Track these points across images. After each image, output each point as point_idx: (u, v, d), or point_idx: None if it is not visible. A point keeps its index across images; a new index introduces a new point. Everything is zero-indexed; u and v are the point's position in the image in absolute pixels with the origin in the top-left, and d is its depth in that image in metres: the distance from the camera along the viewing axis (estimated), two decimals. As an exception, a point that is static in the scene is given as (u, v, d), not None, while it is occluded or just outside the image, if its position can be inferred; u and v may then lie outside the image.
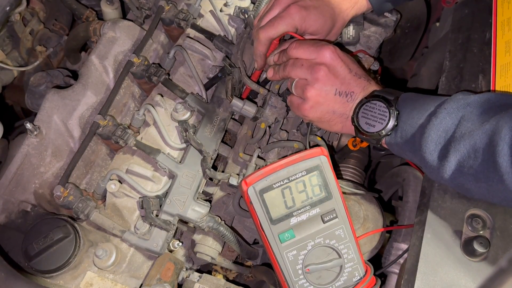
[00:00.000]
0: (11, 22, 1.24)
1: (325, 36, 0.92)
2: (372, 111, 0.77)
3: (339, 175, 1.02)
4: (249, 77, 0.96)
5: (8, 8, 0.91)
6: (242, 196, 0.78)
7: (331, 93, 0.80)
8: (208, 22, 1.06)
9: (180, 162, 0.90)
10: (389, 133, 0.76)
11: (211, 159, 0.92)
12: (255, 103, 0.95)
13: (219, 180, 0.94)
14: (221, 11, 1.07)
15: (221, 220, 0.89)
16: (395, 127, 0.76)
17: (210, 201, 0.95)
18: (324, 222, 0.74)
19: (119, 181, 0.90)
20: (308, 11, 0.85)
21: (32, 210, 0.91)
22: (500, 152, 0.60)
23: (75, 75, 1.16)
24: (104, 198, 0.92)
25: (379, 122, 0.76)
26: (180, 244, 0.94)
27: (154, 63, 0.97)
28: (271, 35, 0.86)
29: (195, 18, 1.04)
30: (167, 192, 0.88)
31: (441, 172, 0.68)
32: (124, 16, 1.22)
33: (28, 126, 0.91)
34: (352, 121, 0.80)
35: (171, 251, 0.93)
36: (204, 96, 0.98)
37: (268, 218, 0.72)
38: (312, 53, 0.81)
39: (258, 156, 0.92)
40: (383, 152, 1.13)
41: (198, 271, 0.96)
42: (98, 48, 1.03)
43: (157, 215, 0.87)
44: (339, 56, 0.80)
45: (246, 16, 1.03)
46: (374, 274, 0.79)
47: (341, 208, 0.75)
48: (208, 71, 1.02)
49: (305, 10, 0.85)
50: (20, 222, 0.91)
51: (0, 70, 1.23)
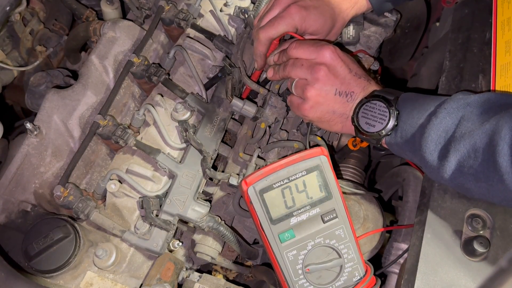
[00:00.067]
0: (11, 22, 1.24)
1: (325, 36, 0.92)
2: (372, 111, 0.77)
3: (339, 175, 1.02)
4: (249, 77, 0.96)
5: (8, 8, 0.91)
6: (242, 196, 0.78)
7: (331, 93, 0.80)
8: (208, 22, 1.06)
9: (180, 162, 0.90)
10: (389, 133, 0.76)
11: (211, 159, 0.92)
12: (255, 103, 0.95)
13: (219, 180, 0.94)
14: (221, 11, 1.07)
15: (221, 220, 0.89)
16: (395, 127, 0.76)
17: (210, 201, 0.95)
18: (324, 222, 0.74)
19: (119, 181, 0.90)
20: (308, 11, 0.85)
21: (32, 210, 0.91)
22: (500, 152, 0.60)
23: (75, 75, 1.16)
24: (104, 198, 0.92)
25: (379, 122, 0.76)
26: (180, 244, 0.94)
27: (154, 63, 0.97)
28: (271, 35, 0.86)
29: (195, 18, 1.04)
30: (167, 192, 0.88)
31: (441, 172, 0.68)
32: (124, 16, 1.22)
33: (28, 126, 0.91)
34: (352, 121, 0.80)
35: (171, 251, 0.93)
36: (204, 96, 0.98)
37: (268, 218, 0.72)
38: (312, 53, 0.81)
39: (258, 156, 0.92)
40: (383, 152, 1.13)
41: (198, 271, 0.96)
42: (98, 48, 1.03)
43: (157, 215, 0.87)
44: (339, 56, 0.80)
45: (246, 16, 1.03)
46: (374, 274, 0.79)
47: (341, 208, 0.75)
48: (208, 71, 1.02)
49: (305, 10, 0.85)
50: (20, 222, 0.91)
51: (0, 70, 1.23)
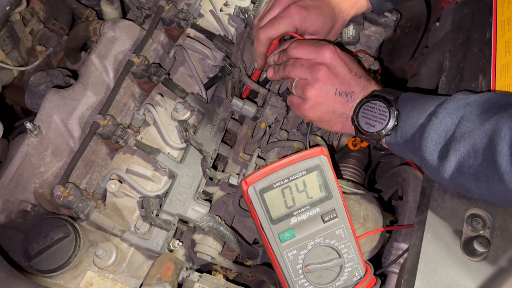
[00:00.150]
0: (11, 22, 1.24)
1: (325, 36, 0.92)
2: (372, 111, 0.77)
3: (339, 175, 1.02)
4: (249, 77, 0.96)
5: (8, 8, 0.91)
6: (242, 196, 0.78)
7: (331, 93, 0.80)
8: (208, 22, 1.06)
9: (180, 162, 0.90)
10: (389, 133, 0.76)
11: (211, 158, 0.92)
12: (255, 102, 0.95)
13: (219, 180, 0.94)
14: (221, 10, 1.07)
15: (221, 219, 0.89)
16: (395, 127, 0.76)
17: (210, 200, 0.95)
18: (324, 222, 0.74)
19: (119, 180, 0.90)
20: (308, 11, 0.85)
21: (32, 209, 0.91)
22: (500, 152, 0.60)
23: (75, 75, 1.16)
24: (104, 197, 0.92)
25: (379, 122, 0.76)
26: (180, 243, 0.94)
27: (154, 63, 0.97)
28: (271, 35, 0.86)
29: (195, 18, 1.04)
30: (167, 192, 0.88)
31: (441, 172, 0.68)
32: (124, 15, 1.22)
33: (28, 126, 0.91)
34: (352, 121, 0.80)
35: (171, 250, 0.93)
36: (204, 96, 0.98)
37: (268, 217, 0.72)
38: (312, 53, 0.81)
39: (258, 156, 0.92)
40: (383, 152, 1.13)
41: (198, 270, 0.96)
42: (98, 48, 1.03)
43: (157, 215, 0.87)
44: (339, 56, 0.80)
45: (246, 15, 1.03)
46: (374, 274, 0.79)
47: (341, 208, 0.75)
48: (208, 70, 1.02)
49: (305, 10, 0.85)
50: (20, 222, 0.91)
51: (0, 70, 1.23)
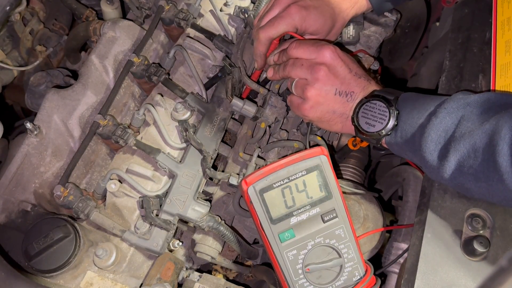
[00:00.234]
0: (11, 22, 1.24)
1: (325, 36, 0.92)
2: (372, 111, 0.77)
3: (339, 175, 1.02)
4: (249, 76, 0.96)
5: (8, 8, 0.91)
6: (242, 196, 0.78)
7: (331, 93, 0.80)
8: (208, 22, 1.06)
9: (180, 162, 0.90)
10: (389, 132, 0.76)
11: (211, 158, 0.92)
12: (255, 102, 0.95)
13: (219, 180, 0.95)
14: (221, 10, 1.07)
15: (221, 219, 0.89)
16: (395, 126, 0.76)
17: (210, 200, 0.95)
18: (324, 222, 0.74)
19: (119, 180, 0.90)
20: (308, 11, 0.85)
21: (32, 210, 0.91)
22: (500, 152, 0.60)
23: (75, 75, 1.16)
24: (104, 197, 0.92)
25: (379, 122, 0.76)
26: (180, 243, 0.94)
27: (154, 63, 0.97)
28: (271, 35, 0.86)
29: (195, 18, 1.04)
30: (167, 192, 0.88)
31: (441, 171, 0.68)
32: (124, 15, 1.22)
33: (28, 125, 0.91)
34: (352, 121, 0.80)
35: (171, 250, 0.93)
36: (204, 95, 0.98)
37: (268, 217, 0.72)
38: (312, 53, 0.81)
39: (258, 156, 0.92)
40: (383, 152, 1.13)
41: (198, 270, 0.96)
42: (98, 48, 1.03)
43: (157, 215, 0.87)
44: (339, 56, 0.80)
45: (246, 15, 1.03)
46: (374, 274, 0.79)
47: (341, 208, 0.75)
48: (208, 70, 1.02)
49: (305, 10, 0.85)
50: (20, 222, 0.91)
51: (0, 70, 1.23)
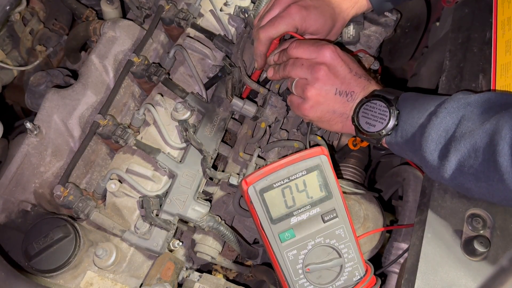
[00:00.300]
0: (11, 22, 1.24)
1: (325, 36, 0.92)
2: (372, 111, 0.77)
3: (339, 175, 1.02)
4: (249, 76, 0.96)
5: (8, 8, 0.91)
6: (242, 196, 0.78)
7: (331, 92, 0.80)
8: (208, 22, 1.06)
9: (180, 162, 0.90)
10: (389, 132, 0.76)
11: (211, 158, 0.92)
12: (255, 102, 0.95)
13: (219, 180, 0.94)
14: (221, 10, 1.07)
15: (221, 219, 0.89)
16: (395, 126, 0.76)
17: (210, 200, 0.95)
18: (324, 222, 0.74)
19: (119, 180, 0.90)
20: (309, 11, 0.85)
21: (32, 209, 0.91)
22: (501, 152, 0.60)
23: (75, 75, 1.16)
24: (104, 197, 0.92)
25: (379, 122, 0.76)
26: (180, 243, 0.93)
27: (154, 63, 0.97)
28: (272, 34, 0.86)
29: (195, 18, 1.04)
30: (167, 192, 0.88)
31: (441, 171, 0.68)
32: (124, 15, 1.22)
33: (28, 125, 0.91)
34: (352, 120, 0.80)
35: (171, 250, 0.93)
36: (204, 95, 0.98)
37: (268, 217, 0.72)
38: (312, 52, 0.81)
39: (258, 156, 0.92)
40: (383, 152, 1.13)
41: (198, 270, 0.96)
42: (98, 48, 1.03)
43: (157, 215, 0.87)
44: (339, 55, 0.80)
45: (246, 15, 1.03)
46: (374, 274, 0.79)
47: (341, 208, 0.75)
48: (208, 70, 1.02)
49: (305, 10, 0.85)
50: (20, 221, 0.91)
51: (0, 70, 1.23)
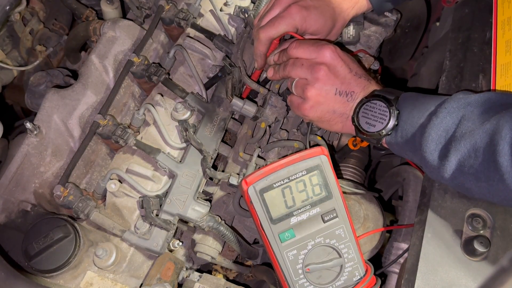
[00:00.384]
0: (11, 22, 1.24)
1: (325, 36, 0.92)
2: (372, 111, 0.77)
3: (339, 175, 1.02)
4: (249, 76, 0.96)
5: (8, 8, 0.91)
6: (242, 196, 0.78)
7: (331, 92, 0.80)
8: (208, 22, 1.06)
9: (180, 162, 0.90)
10: (389, 132, 0.76)
11: (211, 158, 0.92)
12: (255, 102, 0.95)
13: (219, 180, 0.94)
14: (221, 10, 1.07)
15: (221, 219, 0.89)
16: (395, 126, 0.76)
17: (210, 200, 0.95)
18: (324, 222, 0.74)
19: (119, 180, 0.90)
20: (309, 11, 0.85)
21: (32, 209, 0.91)
22: (501, 152, 0.60)
23: (75, 75, 1.16)
24: (104, 197, 0.92)
25: (379, 122, 0.76)
26: (180, 243, 0.93)
27: (154, 63, 0.97)
28: (272, 35, 0.86)
29: (195, 18, 1.04)
30: (167, 192, 0.88)
31: (441, 171, 0.68)
32: (124, 15, 1.22)
33: (28, 125, 0.91)
34: (353, 120, 0.80)
35: (171, 250, 0.93)
36: (204, 95, 0.98)
37: (268, 217, 0.72)
38: (312, 52, 0.81)
39: (258, 156, 0.92)
40: (383, 152, 1.13)
41: (198, 270, 0.96)
42: (98, 48, 1.03)
43: (157, 215, 0.87)
44: (339, 55, 0.80)
45: (246, 15, 1.03)
46: (374, 274, 0.79)
47: (341, 208, 0.75)
48: (208, 70, 1.02)
49: (305, 10, 0.85)
50: (20, 221, 0.91)
51: (0, 70, 1.23)
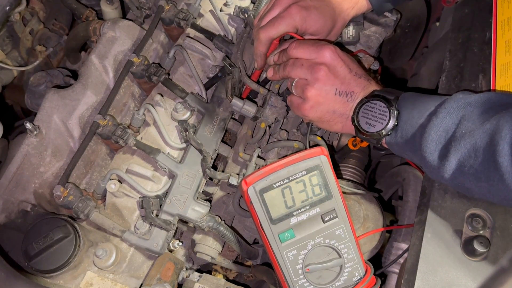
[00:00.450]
0: (11, 22, 1.24)
1: (325, 36, 0.92)
2: (372, 111, 0.77)
3: (339, 175, 1.02)
4: (249, 76, 0.96)
5: (8, 8, 0.91)
6: (242, 196, 0.78)
7: (331, 93, 0.80)
8: (208, 22, 1.06)
9: (180, 162, 0.90)
10: (389, 132, 0.76)
11: (211, 158, 0.92)
12: (255, 102, 0.95)
13: (219, 180, 0.94)
14: (221, 10, 1.07)
15: (221, 220, 0.89)
16: (395, 126, 0.76)
17: (210, 200, 0.95)
18: (324, 222, 0.74)
19: (119, 181, 0.90)
20: (309, 12, 0.85)
21: (32, 210, 0.91)
22: (501, 152, 0.60)
23: (75, 75, 1.16)
24: (104, 198, 0.92)
25: (379, 122, 0.76)
26: (180, 244, 0.93)
27: (154, 63, 0.97)
28: (272, 35, 0.86)
29: (195, 18, 1.04)
30: (167, 192, 0.88)
31: (441, 171, 0.68)
32: (124, 15, 1.22)
33: (28, 126, 0.91)
34: (352, 121, 0.80)
35: (171, 251, 0.93)
36: (204, 95, 0.98)
37: (268, 217, 0.72)
38: (312, 53, 0.81)
39: (258, 156, 0.92)
40: (383, 152, 1.13)
41: (198, 271, 0.96)
42: (98, 48, 1.03)
43: (157, 215, 0.87)
44: (339, 56, 0.80)
45: (246, 15, 1.03)
46: (374, 274, 0.79)
47: (341, 208, 0.75)
48: (208, 70, 1.02)
49: (305, 10, 0.85)
50: (20, 222, 0.91)
51: (0, 70, 1.23)
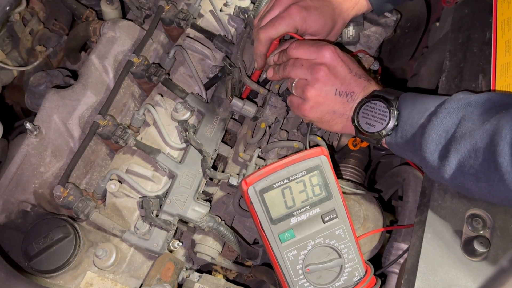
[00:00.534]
0: (11, 22, 1.24)
1: (325, 37, 0.92)
2: (372, 111, 0.77)
3: (339, 175, 1.02)
4: (249, 77, 0.96)
5: (8, 8, 0.91)
6: (242, 196, 0.78)
7: (331, 93, 0.80)
8: (208, 22, 1.06)
9: (180, 162, 0.90)
10: (389, 133, 0.76)
11: (211, 159, 0.92)
12: (255, 103, 0.95)
13: (219, 180, 0.94)
14: (221, 11, 1.07)
15: (221, 220, 0.89)
16: (395, 127, 0.76)
17: (210, 201, 0.95)
18: (324, 222, 0.74)
19: (119, 181, 0.90)
20: (309, 12, 0.85)
21: (32, 210, 0.91)
22: (501, 152, 0.60)
23: (75, 75, 1.16)
24: (104, 198, 0.92)
25: (379, 122, 0.76)
26: (180, 244, 0.93)
27: (154, 63, 0.97)
28: (272, 35, 0.86)
29: (195, 18, 1.04)
30: (167, 192, 0.88)
31: (441, 172, 0.68)
32: (124, 16, 1.22)
33: (28, 126, 0.91)
34: (352, 121, 0.80)
35: (171, 251, 0.93)
36: (204, 96, 0.98)
37: (268, 218, 0.72)
38: (312, 53, 0.81)
39: (258, 156, 0.92)
40: (383, 152, 1.13)
41: (198, 271, 0.96)
42: (98, 48, 1.03)
43: (157, 215, 0.87)
44: (339, 56, 0.80)
45: (246, 16, 1.03)
46: (374, 274, 0.79)
47: (341, 208, 0.75)
48: (208, 71, 1.02)
49: (305, 10, 0.85)
50: (20, 222, 0.91)
51: (0, 70, 1.23)
